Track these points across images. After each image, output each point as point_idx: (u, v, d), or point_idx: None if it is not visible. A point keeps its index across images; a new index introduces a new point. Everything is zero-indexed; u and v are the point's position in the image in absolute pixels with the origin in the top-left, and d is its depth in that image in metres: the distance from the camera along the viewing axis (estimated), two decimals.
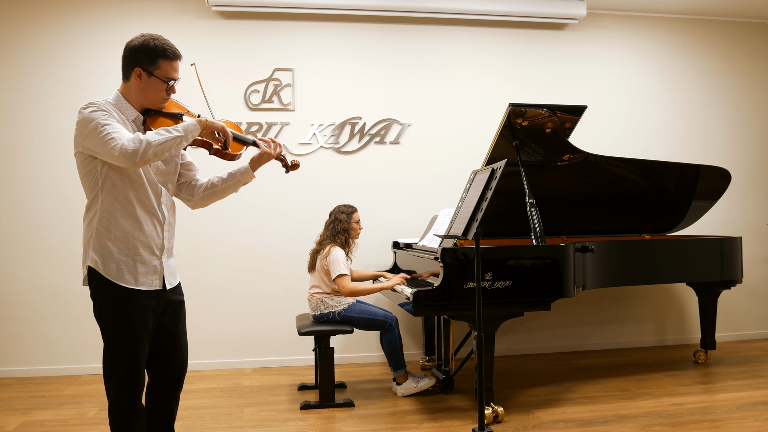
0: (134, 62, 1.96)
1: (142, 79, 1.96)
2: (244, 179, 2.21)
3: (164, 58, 1.97)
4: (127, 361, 1.95)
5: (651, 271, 3.70)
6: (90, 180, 1.95)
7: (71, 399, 3.56)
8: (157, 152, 1.86)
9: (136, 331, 1.96)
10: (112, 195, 1.94)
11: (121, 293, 1.95)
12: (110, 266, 1.94)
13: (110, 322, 1.97)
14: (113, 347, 1.96)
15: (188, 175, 2.23)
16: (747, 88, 4.99)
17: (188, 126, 1.95)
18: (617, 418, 3.04)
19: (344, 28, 4.44)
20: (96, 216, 1.95)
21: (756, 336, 4.92)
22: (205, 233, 4.21)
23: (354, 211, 3.58)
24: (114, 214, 1.94)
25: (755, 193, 4.97)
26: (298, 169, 2.34)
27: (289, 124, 4.35)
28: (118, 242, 1.94)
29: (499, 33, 4.63)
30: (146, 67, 1.95)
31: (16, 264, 4.11)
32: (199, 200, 2.22)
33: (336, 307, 3.40)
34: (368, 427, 3.00)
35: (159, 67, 1.96)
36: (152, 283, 2.01)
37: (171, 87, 2.01)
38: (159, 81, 1.97)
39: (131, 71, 1.97)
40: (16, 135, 4.12)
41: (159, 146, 1.86)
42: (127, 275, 1.95)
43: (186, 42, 4.23)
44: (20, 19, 4.13)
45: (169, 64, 1.98)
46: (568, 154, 3.74)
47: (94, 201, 1.96)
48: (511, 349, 4.56)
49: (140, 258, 1.98)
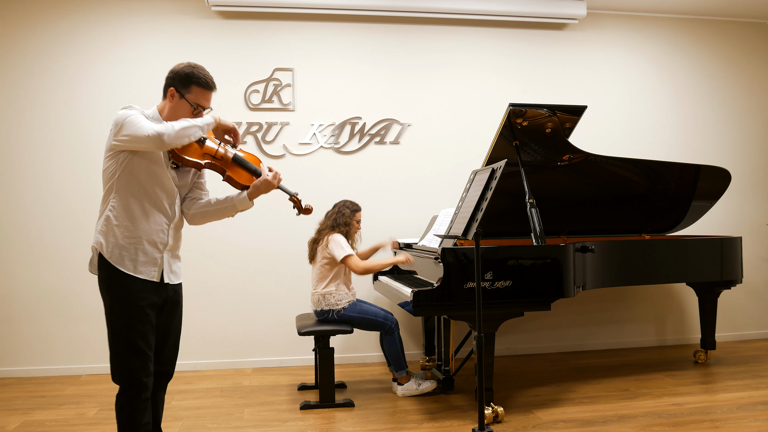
0: (172, 83, 2.14)
1: (174, 100, 2.13)
2: (241, 205, 2.27)
3: (198, 86, 2.14)
4: (131, 349, 2.02)
5: (651, 271, 3.70)
6: (109, 170, 2.07)
7: (71, 399, 3.56)
8: (179, 135, 2.02)
9: (139, 320, 2.04)
10: (127, 186, 2.06)
11: (121, 278, 2.04)
12: (114, 251, 2.04)
13: (111, 307, 2.05)
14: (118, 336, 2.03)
15: (197, 193, 2.32)
16: (747, 88, 4.99)
17: (205, 119, 2.15)
18: (617, 418, 3.04)
19: (344, 28, 4.44)
20: (109, 204, 2.07)
21: (756, 336, 4.92)
22: (206, 233, 4.20)
23: (358, 210, 3.59)
24: (126, 204, 2.06)
25: (755, 193, 4.97)
26: (311, 214, 2.44)
27: (289, 124, 4.35)
28: (123, 230, 2.05)
29: (499, 33, 4.63)
30: (179, 89, 2.13)
31: (16, 264, 4.11)
32: (193, 215, 2.28)
33: (336, 306, 3.39)
34: (368, 427, 3.00)
35: (191, 92, 2.13)
36: (150, 274, 2.08)
37: (198, 113, 2.16)
38: (187, 105, 2.14)
39: (167, 90, 2.15)
40: (16, 135, 4.12)
41: (181, 130, 2.03)
42: (128, 262, 2.05)
43: (186, 42, 4.25)
44: (20, 19, 4.13)
45: (201, 93, 2.14)
46: (568, 154, 3.74)
47: (109, 191, 2.08)
48: (511, 349, 4.56)
49: (142, 248, 2.07)
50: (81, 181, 4.11)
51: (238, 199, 2.26)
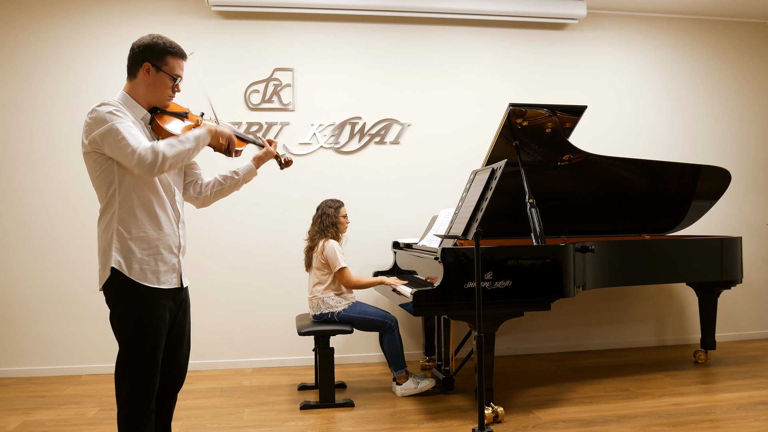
0: (143, 58, 2.00)
1: (150, 75, 2.00)
2: (248, 177, 2.27)
3: (172, 55, 2.02)
4: (147, 363, 1.95)
5: (651, 271, 3.70)
6: (105, 181, 1.94)
7: (71, 399, 3.56)
8: (172, 164, 1.91)
9: (158, 333, 1.97)
10: (131, 195, 1.94)
11: (145, 294, 1.95)
12: (134, 267, 1.93)
13: (131, 324, 1.94)
14: (133, 350, 1.94)
15: (194, 174, 2.25)
16: (747, 88, 4.99)
17: (199, 136, 2.00)
18: (617, 418, 3.04)
19: (344, 28, 4.44)
20: (115, 217, 1.94)
21: (756, 336, 4.92)
22: (206, 233, 4.21)
23: (341, 206, 3.59)
24: (135, 214, 1.94)
25: (755, 193, 4.97)
26: (291, 165, 2.43)
27: (289, 124, 4.35)
28: (140, 242, 1.95)
29: (499, 33, 4.63)
30: (155, 62, 1.99)
31: (16, 264, 4.11)
32: (206, 199, 2.25)
33: (336, 307, 3.40)
34: (368, 427, 3.00)
35: (167, 63, 2.01)
36: (172, 282, 2.03)
37: (176, 85, 2.06)
38: (166, 77, 2.01)
39: (139, 67, 2.00)
40: (17, 135, 4.12)
41: (174, 158, 1.91)
42: (150, 275, 1.96)
43: (186, 42, 4.19)
44: (21, 19, 4.13)
45: (176, 61, 2.03)
46: (568, 154, 3.74)
47: (110, 202, 1.95)
48: (511, 349, 4.56)
49: (161, 257, 1.99)
50: (81, 181, 4.10)
51: (246, 171, 2.26)
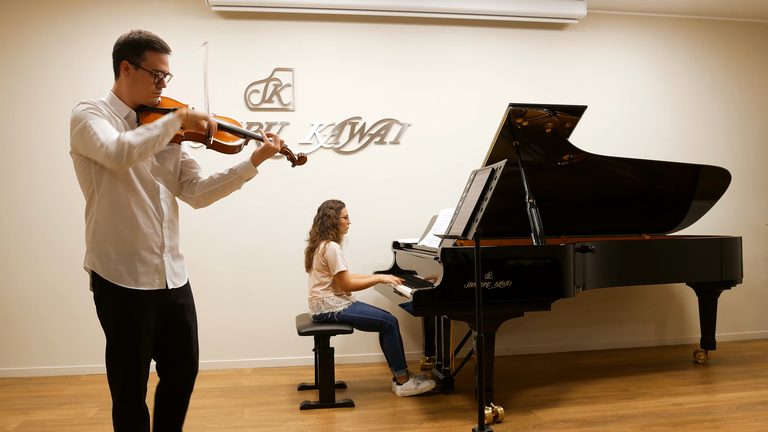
0: (121, 56, 1.95)
1: (130, 72, 1.94)
2: (246, 174, 2.14)
3: (150, 50, 1.94)
4: (130, 363, 1.93)
5: (651, 271, 3.70)
6: (86, 180, 1.93)
7: (71, 399, 3.56)
8: (141, 152, 1.82)
9: (138, 334, 1.94)
10: (108, 194, 1.91)
11: (122, 294, 1.92)
12: (109, 267, 1.91)
13: (112, 324, 1.94)
14: (116, 350, 1.94)
15: (190, 173, 2.18)
16: (747, 88, 4.99)
17: (167, 120, 1.89)
18: (617, 418, 3.04)
19: (344, 28, 4.44)
20: (93, 217, 1.93)
21: (756, 336, 4.92)
22: (206, 233, 4.21)
23: (342, 207, 3.59)
24: (110, 214, 1.91)
25: (755, 193, 4.97)
26: (306, 162, 2.31)
27: (289, 124, 4.35)
28: (115, 243, 1.92)
29: (499, 33, 4.63)
30: (132, 59, 1.93)
31: (16, 264, 4.11)
32: (200, 198, 2.16)
33: (336, 308, 3.40)
34: (368, 427, 3.00)
35: (145, 59, 1.94)
36: (153, 283, 1.97)
37: (160, 81, 1.98)
38: (146, 73, 1.94)
39: (119, 66, 1.95)
40: (17, 135, 4.12)
41: (141, 146, 1.82)
42: (127, 276, 1.92)
43: (186, 42, 4.24)
44: (21, 19, 4.13)
45: (156, 56, 1.95)
46: (568, 154, 3.74)
47: (91, 201, 1.94)
48: (511, 349, 4.56)
49: (139, 257, 1.95)
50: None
51: (244, 168, 2.13)
